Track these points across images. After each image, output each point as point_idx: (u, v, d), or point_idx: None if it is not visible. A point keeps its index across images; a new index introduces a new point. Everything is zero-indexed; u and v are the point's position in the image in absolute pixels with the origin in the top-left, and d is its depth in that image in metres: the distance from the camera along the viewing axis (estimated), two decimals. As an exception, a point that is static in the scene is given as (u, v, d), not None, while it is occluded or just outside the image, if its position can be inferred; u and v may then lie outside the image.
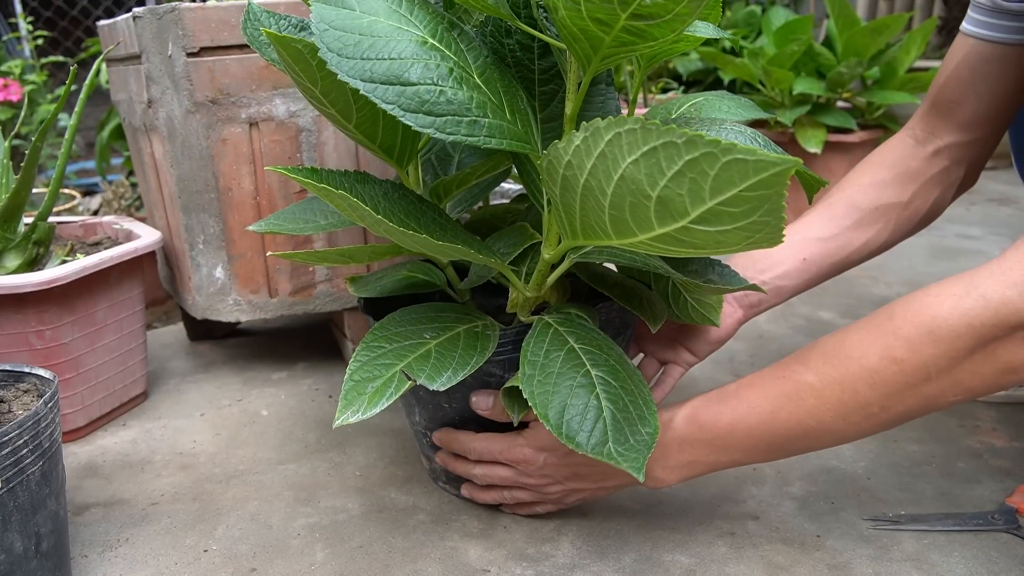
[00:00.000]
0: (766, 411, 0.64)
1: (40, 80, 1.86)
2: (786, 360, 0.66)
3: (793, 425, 0.64)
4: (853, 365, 0.61)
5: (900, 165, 0.89)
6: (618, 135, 0.45)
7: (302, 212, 0.81)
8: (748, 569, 0.71)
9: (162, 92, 1.01)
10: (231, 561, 0.75)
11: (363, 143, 0.67)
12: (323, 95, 0.60)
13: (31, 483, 0.62)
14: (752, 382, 0.67)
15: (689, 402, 0.69)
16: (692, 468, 0.69)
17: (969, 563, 0.71)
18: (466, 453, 0.76)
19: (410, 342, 0.67)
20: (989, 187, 2.39)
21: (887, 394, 0.60)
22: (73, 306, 0.93)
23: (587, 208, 0.52)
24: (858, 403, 0.61)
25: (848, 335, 0.63)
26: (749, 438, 0.66)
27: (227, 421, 1.03)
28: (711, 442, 0.67)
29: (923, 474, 0.86)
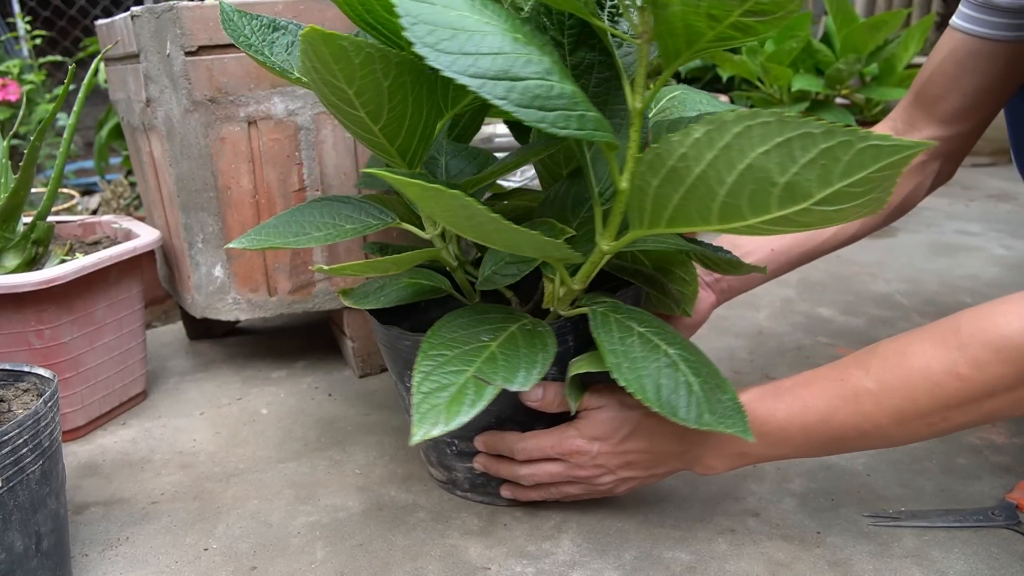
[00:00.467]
0: (822, 411, 0.65)
1: (38, 80, 1.86)
2: (844, 361, 0.66)
3: (849, 427, 0.64)
4: (915, 376, 0.61)
5: None
6: (748, 128, 0.48)
7: (287, 225, 0.74)
8: (748, 566, 0.71)
9: (160, 91, 1.00)
10: (231, 560, 0.75)
11: (379, 146, 0.65)
12: (357, 96, 0.58)
13: (31, 482, 0.62)
14: (808, 380, 0.67)
15: (742, 394, 0.68)
16: (743, 459, 0.70)
17: (969, 559, 0.71)
18: (513, 454, 0.75)
19: (470, 346, 0.65)
20: (988, 183, 2.39)
21: (948, 407, 0.60)
22: (72, 305, 0.93)
23: (690, 198, 0.54)
24: (917, 412, 0.61)
25: (911, 344, 0.63)
26: (803, 435, 0.66)
27: (227, 420, 1.03)
28: (764, 436, 0.67)
29: (923, 470, 0.86)
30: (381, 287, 0.80)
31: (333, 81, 0.57)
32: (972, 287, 1.44)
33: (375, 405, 1.06)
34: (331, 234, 0.72)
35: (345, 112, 0.61)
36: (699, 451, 0.70)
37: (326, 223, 0.73)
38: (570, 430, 0.72)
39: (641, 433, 0.70)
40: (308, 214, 0.74)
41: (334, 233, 0.72)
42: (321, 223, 0.73)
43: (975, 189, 2.32)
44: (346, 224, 0.72)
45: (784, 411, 0.66)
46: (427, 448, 0.83)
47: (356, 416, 1.03)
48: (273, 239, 0.71)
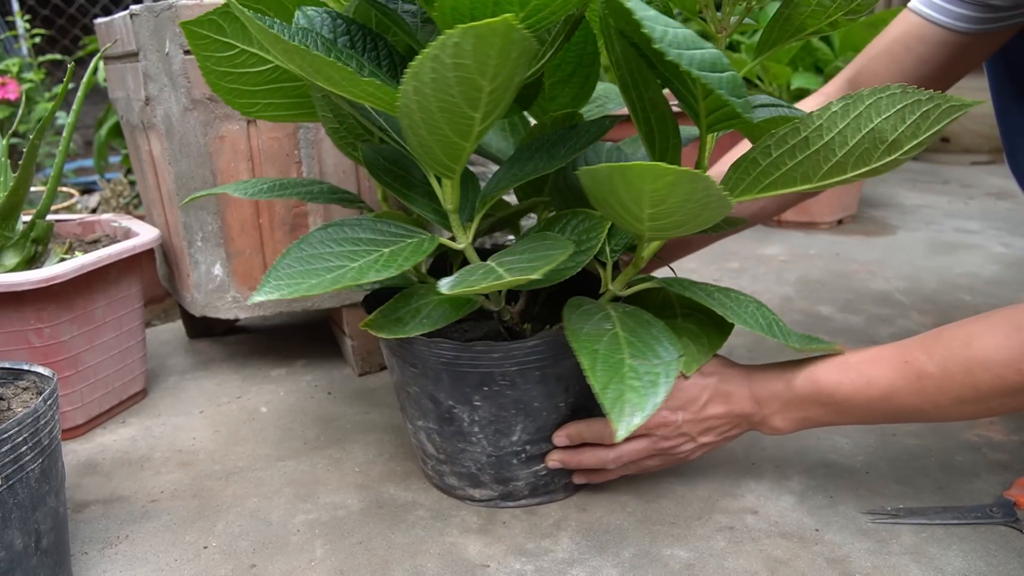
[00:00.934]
0: (885, 389, 0.69)
1: (38, 78, 1.86)
2: (908, 343, 0.70)
3: (910, 405, 0.69)
4: (977, 367, 0.64)
5: None
6: (879, 99, 0.60)
7: (315, 260, 0.64)
8: (747, 563, 0.72)
9: (159, 90, 1.01)
10: (231, 557, 0.75)
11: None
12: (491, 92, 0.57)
13: (31, 480, 0.62)
14: (874, 359, 0.71)
15: (809, 364, 0.74)
16: (807, 422, 0.75)
17: (967, 556, 0.72)
18: (603, 438, 0.76)
19: (603, 335, 0.69)
20: (987, 181, 2.39)
21: (1007, 394, 0.64)
22: (72, 304, 0.93)
23: (806, 162, 0.64)
24: (977, 397, 0.65)
25: (975, 334, 0.66)
26: (865, 408, 0.71)
27: (226, 418, 1.03)
28: (829, 405, 0.72)
29: (921, 468, 0.86)
30: (414, 310, 0.75)
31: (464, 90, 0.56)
32: (971, 285, 1.44)
33: (374, 403, 1.06)
34: (369, 262, 0.65)
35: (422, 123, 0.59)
36: (768, 413, 0.75)
37: (359, 251, 0.66)
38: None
39: (719, 399, 0.75)
40: (330, 243, 0.67)
41: (372, 260, 0.65)
42: (353, 252, 0.66)
43: (974, 187, 2.32)
44: (384, 248, 0.67)
45: (849, 385, 0.71)
46: (478, 469, 0.80)
47: (355, 414, 1.03)
48: (307, 280, 0.62)
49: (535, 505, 0.82)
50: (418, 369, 0.77)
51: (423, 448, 0.83)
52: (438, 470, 0.83)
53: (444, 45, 0.51)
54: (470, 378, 0.75)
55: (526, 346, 0.74)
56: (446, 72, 0.54)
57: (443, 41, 0.50)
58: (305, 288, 0.61)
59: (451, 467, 0.81)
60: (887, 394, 0.69)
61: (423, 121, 0.59)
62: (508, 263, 0.64)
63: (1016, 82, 0.83)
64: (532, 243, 0.68)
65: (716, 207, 0.58)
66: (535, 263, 0.62)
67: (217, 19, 0.70)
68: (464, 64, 0.53)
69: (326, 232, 0.68)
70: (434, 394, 0.77)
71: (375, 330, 0.73)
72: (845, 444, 0.91)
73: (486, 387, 0.75)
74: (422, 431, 0.81)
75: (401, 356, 0.78)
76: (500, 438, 0.78)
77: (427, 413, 0.79)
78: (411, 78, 0.54)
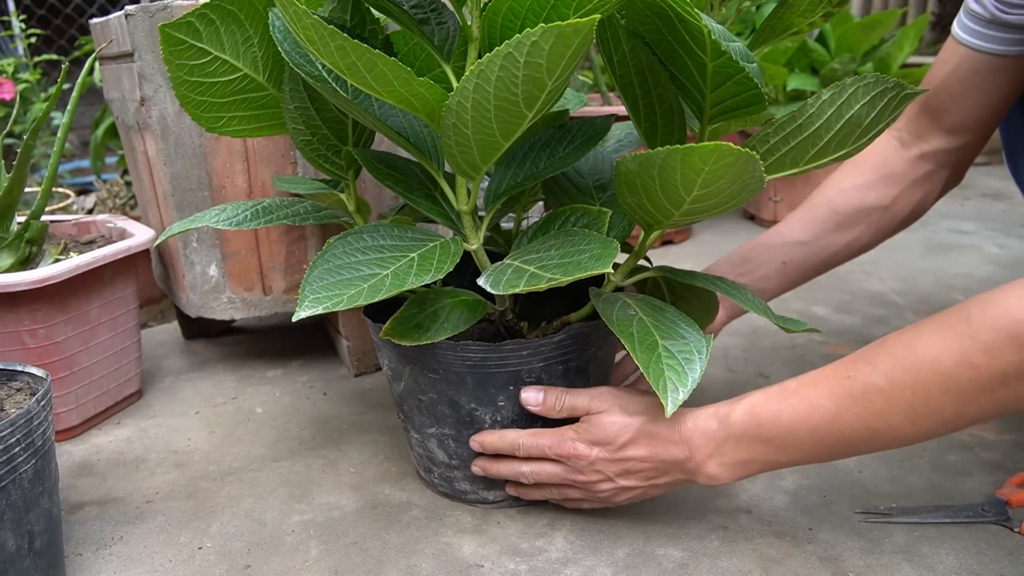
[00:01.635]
0: (830, 411, 0.62)
1: (33, 78, 1.86)
2: (851, 358, 0.64)
3: (859, 427, 0.62)
4: (925, 369, 0.58)
5: (884, 168, 0.89)
6: (857, 88, 0.64)
7: (340, 270, 0.65)
8: (740, 562, 0.72)
9: (155, 90, 1.01)
10: (225, 558, 0.75)
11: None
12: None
13: (24, 481, 0.62)
14: (815, 380, 0.64)
15: (746, 398, 0.67)
16: (748, 467, 0.67)
17: (959, 555, 0.72)
18: (514, 449, 0.74)
19: (633, 321, 0.70)
20: (983, 182, 2.40)
21: (961, 399, 0.58)
22: (66, 305, 0.93)
23: (797, 147, 0.67)
24: (930, 408, 0.59)
25: (920, 336, 0.60)
26: (811, 438, 0.64)
27: (222, 419, 1.04)
28: (770, 440, 0.65)
29: (914, 467, 0.86)
30: (431, 315, 0.74)
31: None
32: (966, 285, 1.44)
33: (370, 404, 1.06)
34: (402, 268, 0.65)
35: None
36: (701, 459, 0.68)
37: (386, 258, 0.67)
38: (569, 432, 0.72)
39: (642, 440, 0.69)
40: (354, 252, 0.67)
41: (405, 266, 0.66)
42: (380, 259, 0.67)
43: (970, 188, 2.32)
44: (410, 253, 0.68)
45: (790, 413, 0.64)
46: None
47: (351, 415, 1.03)
48: (345, 291, 0.63)
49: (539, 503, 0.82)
50: (439, 375, 0.75)
51: (430, 456, 0.81)
52: (447, 476, 0.81)
53: (521, 44, 0.52)
54: (497, 378, 0.74)
55: (553, 341, 0.74)
56: (515, 70, 0.55)
57: (520, 40, 0.52)
58: (347, 300, 0.61)
59: (464, 471, 0.80)
60: (833, 418, 0.62)
61: (473, 121, 0.60)
62: (536, 261, 0.65)
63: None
64: (555, 240, 0.69)
65: (754, 187, 0.61)
66: (570, 260, 0.62)
67: (195, 21, 0.69)
68: (536, 63, 0.54)
69: (346, 241, 0.68)
70: (455, 398, 0.76)
71: (397, 338, 0.71)
72: (839, 444, 0.91)
73: (512, 386, 0.75)
74: (433, 439, 0.80)
75: (417, 363, 0.76)
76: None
77: (442, 419, 0.78)
78: (475, 76, 0.55)
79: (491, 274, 0.65)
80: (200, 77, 0.72)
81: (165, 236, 0.79)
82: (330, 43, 0.55)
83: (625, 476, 0.71)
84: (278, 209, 0.80)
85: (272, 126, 0.78)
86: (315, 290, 0.62)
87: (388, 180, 0.75)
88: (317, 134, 0.77)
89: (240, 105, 0.75)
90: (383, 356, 0.82)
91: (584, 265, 0.60)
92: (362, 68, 0.57)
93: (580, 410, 0.72)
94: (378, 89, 0.60)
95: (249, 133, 0.78)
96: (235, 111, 0.76)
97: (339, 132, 0.78)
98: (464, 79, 0.55)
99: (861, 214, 0.89)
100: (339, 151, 0.78)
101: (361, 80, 0.59)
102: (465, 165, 0.66)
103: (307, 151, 0.78)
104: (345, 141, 0.78)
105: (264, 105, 0.76)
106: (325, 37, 0.55)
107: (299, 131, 0.76)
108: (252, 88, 0.74)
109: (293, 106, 0.74)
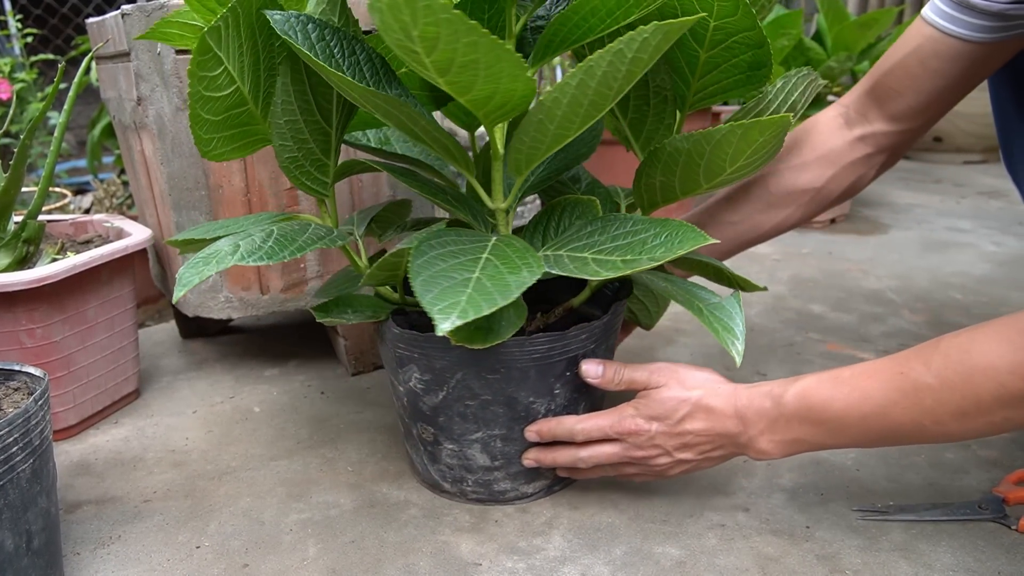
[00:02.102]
0: (880, 403, 0.64)
1: (30, 78, 1.85)
2: (906, 354, 0.65)
3: (907, 421, 0.63)
4: (978, 375, 0.60)
5: (822, 147, 0.90)
6: (797, 79, 0.81)
7: (443, 276, 0.61)
8: (738, 560, 0.72)
9: (151, 90, 1.00)
10: (223, 557, 0.75)
11: None
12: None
13: (21, 481, 0.62)
14: (869, 372, 0.66)
15: (800, 381, 0.69)
16: (797, 445, 0.70)
17: (956, 552, 0.72)
18: (572, 436, 0.75)
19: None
20: (979, 180, 2.40)
21: (1012, 405, 0.59)
22: (64, 304, 0.93)
23: (681, 177, 0.73)
24: (979, 410, 0.60)
25: (975, 341, 0.61)
26: (860, 426, 0.66)
27: (219, 418, 1.03)
28: (821, 424, 0.68)
29: (911, 465, 0.86)
30: (495, 314, 0.70)
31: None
32: (963, 283, 1.44)
33: (367, 403, 1.06)
34: (495, 269, 0.64)
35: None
36: (754, 434, 0.70)
37: (468, 261, 0.65)
38: (628, 409, 0.74)
39: (700, 414, 0.71)
40: (437, 261, 0.64)
41: (495, 267, 0.65)
42: (464, 263, 0.65)
43: (966, 187, 2.33)
44: (480, 254, 0.67)
45: (842, 401, 0.66)
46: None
47: (348, 414, 1.03)
48: (489, 296, 0.59)
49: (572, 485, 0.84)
50: (499, 374, 0.74)
51: (466, 465, 0.80)
52: (484, 480, 0.80)
53: (632, 40, 0.55)
54: (557, 367, 0.75)
55: (603, 322, 0.77)
56: (621, 65, 0.58)
57: (632, 36, 0.55)
58: (495, 303, 0.58)
59: (507, 471, 0.80)
60: (883, 409, 0.64)
61: (562, 117, 0.61)
62: (586, 248, 0.68)
63: (1014, 85, 0.84)
64: (595, 226, 0.70)
65: (773, 153, 0.72)
66: (630, 251, 0.65)
67: (220, 26, 0.63)
68: (640, 59, 0.58)
69: (422, 251, 0.63)
70: (513, 395, 0.75)
71: (470, 343, 0.68)
72: (836, 442, 0.91)
73: (568, 372, 0.76)
74: (476, 444, 0.78)
75: (474, 366, 0.74)
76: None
77: (492, 421, 0.77)
78: (581, 72, 0.57)
79: (552, 267, 0.67)
80: (211, 91, 0.67)
81: (183, 290, 0.62)
82: (462, 38, 0.53)
83: (682, 450, 0.73)
84: (289, 244, 0.70)
85: (245, 145, 0.74)
86: (444, 299, 0.58)
87: (415, 186, 0.76)
88: (303, 148, 0.74)
89: (224, 124, 0.70)
90: (412, 371, 0.77)
91: (672, 246, 0.64)
92: (482, 63, 0.56)
93: (638, 384, 0.74)
94: (481, 85, 0.58)
95: (226, 156, 0.73)
96: (220, 131, 0.71)
97: (324, 147, 0.75)
98: (568, 75, 0.58)
99: (793, 196, 0.90)
100: (323, 166, 0.76)
101: (466, 76, 0.57)
102: (524, 162, 0.68)
103: (291, 168, 0.74)
104: (328, 156, 0.76)
105: (243, 123, 0.72)
106: (459, 31, 0.53)
107: (286, 147, 0.73)
108: (238, 103, 0.69)
109: (283, 120, 0.71)
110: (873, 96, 0.88)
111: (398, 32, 0.53)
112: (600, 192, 0.90)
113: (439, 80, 0.58)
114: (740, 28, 0.71)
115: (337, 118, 0.74)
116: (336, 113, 0.74)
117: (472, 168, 0.73)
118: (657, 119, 0.78)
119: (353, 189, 1.09)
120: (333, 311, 0.78)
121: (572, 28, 0.65)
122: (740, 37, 0.72)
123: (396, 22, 0.52)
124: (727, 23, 0.70)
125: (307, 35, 0.65)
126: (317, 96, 0.71)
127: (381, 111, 0.66)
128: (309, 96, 0.71)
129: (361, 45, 0.68)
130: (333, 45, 0.66)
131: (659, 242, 0.64)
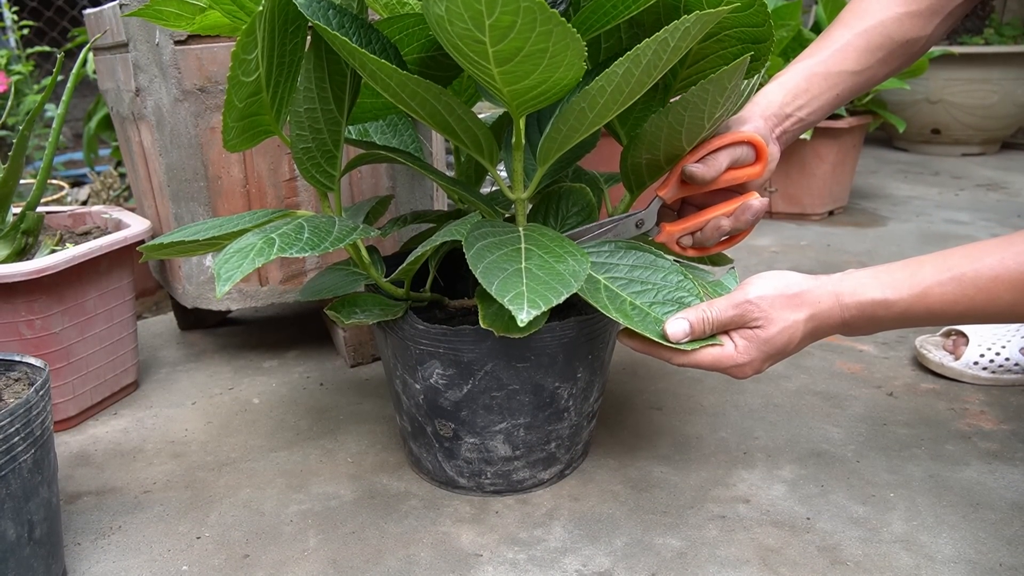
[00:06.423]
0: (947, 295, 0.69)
1: (26, 70, 1.85)
2: (917, 261, 0.73)
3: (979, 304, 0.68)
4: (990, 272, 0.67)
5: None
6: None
7: (497, 267, 0.63)
8: (739, 552, 0.72)
9: (150, 81, 1.00)
10: (224, 547, 0.75)
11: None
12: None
13: (23, 471, 0.62)
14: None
15: (863, 296, 0.70)
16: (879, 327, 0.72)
17: (957, 544, 0.72)
18: (670, 362, 0.72)
19: None
20: (978, 173, 2.41)
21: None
22: (63, 295, 0.93)
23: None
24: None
25: (985, 252, 0.69)
26: (928, 318, 0.70)
27: (218, 409, 1.03)
28: (890, 321, 0.70)
29: (912, 457, 0.86)
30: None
31: None
32: (961, 276, 1.44)
33: (367, 394, 1.06)
34: (542, 258, 0.67)
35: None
36: (828, 332, 0.72)
37: (511, 252, 0.67)
38: (727, 351, 0.71)
39: (808, 338, 0.72)
40: (485, 253, 0.65)
41: (539, 257, 0.67)
42: (508, 253, 0.67)
43: (965, 178, 2.33)
44: (518, 244, 0.70)
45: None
46: (557, 446, 0.81)
47: (348, 405, 1.03)
48: (553, 286, 0.62)
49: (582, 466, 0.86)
50: (529, 361, 0.74)
51: (486, 458, 0.79)
52: (504, 471, 0.80)
53: (676, 29, 0.57)
54: (583, 349, 0.76)
55: None
56: (663, 53, 0.59)
57: (676, 25, 0.57)
58: (560, 294, 0.60)
59: (527, 459, 0.80)
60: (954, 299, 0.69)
61: (603, 104, 0.63)
62: (614, 282, 0.72)
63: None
64: (624, 257, 0.73)
65: (740, 102, 0.78)
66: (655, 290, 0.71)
67: (265, 6, 0.61)
68: (680, 47, 0.60)
69: (471, 243, 0.65)
70: (540, 382, 0.75)
71: (508, 332, 0.68)
72: (836, 433, 0.91)
73: (591, 354, 0.77)
74: (500, 435, 0.77)
75: (504, 356, 0.73)
76: (583, 404, 0.80)
77: (518, 410, 0.76)
78: (628, 60, 0.58)
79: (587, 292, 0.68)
80: (245, 76, 0.64)
81: (227, 284, 0.58)
82: (539, 27, 0.53)
83: (769, 362, 0.72)
84: (329, 227, 0.69)
85: (252, 136, 0.72)
86: (509, 289, 0.60)
87: (439, 178, 0.76)
88: (317, 139, 0.72)
89: (244, 112, 0.68)
90: (434, 367, 0.76)
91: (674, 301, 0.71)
92: (549, 52, 0.55)
93: (732, 326, 0.71)
94: (538, 75, 0.58)
95: (239, 147, 0.72)
96: (240, 119, 0.69)
97: (335, 137, 0.73)
98: (616, 63, 0.59)
99: (907, 45, 0.86)
100: (332, 158, 0.74)
101: (526, 66, 0.57)
102: (555, 150, 0.69)
103: (303, 159, 0.73)
104: (338, 147, 0.74)
105: (254, 112, 0.70)
106: (537, 20, 0.52)
107: (302, 137, 0.71)
108: (256, 90, 0.67)
109: (303, 108, 0.69)
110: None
111: (467, 21, 0.53)
112: (586, 178, 0.91)
113: (493, 70, 0.58)
114: (747, 23, 0.71)
115: (347, 108, 0.73)
116: (347, 103, 0.73)
117: (496, 160, 0.73)
118: (645, 108, 0.79)
119: (352, 181, 1.09)
120: (342, 311, 0.77)
121: (601, 15, 0.67)
122: (736, 32, 0.72)
123: (468, 11, 0.52)
124: (735, 18, 0.71)
125: (328, 21, 0.64)
126: (333, 85, 0.70)
127: (417, 99, 0.64)
128: (327, 84, 0.69)
129: (376, 33, 0.68)
130: (351, 32, 0.65)
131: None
